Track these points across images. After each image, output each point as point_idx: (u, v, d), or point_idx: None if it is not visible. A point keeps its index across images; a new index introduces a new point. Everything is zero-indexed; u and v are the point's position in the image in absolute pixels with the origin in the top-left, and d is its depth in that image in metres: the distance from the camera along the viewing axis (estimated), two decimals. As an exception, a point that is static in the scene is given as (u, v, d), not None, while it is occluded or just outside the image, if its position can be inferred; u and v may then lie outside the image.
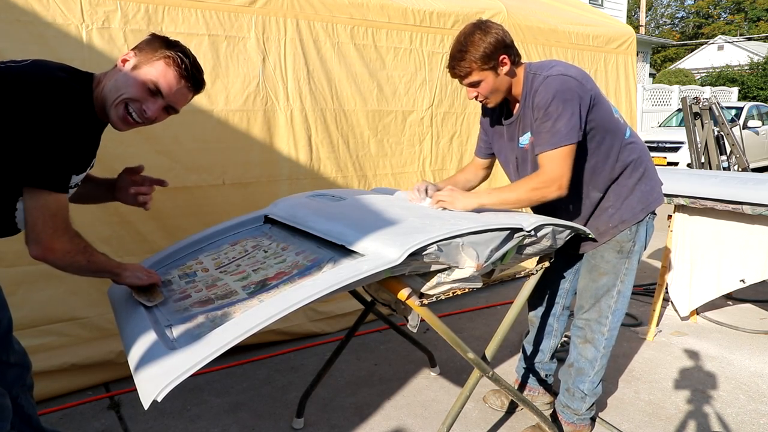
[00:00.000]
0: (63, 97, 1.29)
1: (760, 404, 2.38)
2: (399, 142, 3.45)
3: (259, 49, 2.86)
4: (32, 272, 2.34)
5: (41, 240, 1.31)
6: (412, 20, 3.39)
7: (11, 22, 2.25)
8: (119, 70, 1.42)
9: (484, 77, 1.76)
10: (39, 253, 1.32)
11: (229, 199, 2.82)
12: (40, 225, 1.31)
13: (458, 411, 1.75)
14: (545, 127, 1.73)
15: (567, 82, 1.72)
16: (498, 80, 1.78)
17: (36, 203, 1.30)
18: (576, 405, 2.09)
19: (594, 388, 2.06)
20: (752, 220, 2.72)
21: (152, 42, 1.43)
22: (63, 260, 1.36)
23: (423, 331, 3.09)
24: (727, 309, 3.51)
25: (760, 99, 18.99)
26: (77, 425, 2.31)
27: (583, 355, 2.05)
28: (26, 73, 1.30)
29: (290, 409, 2.38)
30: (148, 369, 1.17)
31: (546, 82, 1.74)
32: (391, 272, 1.46)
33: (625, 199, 1.90)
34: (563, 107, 1.70)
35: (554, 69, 1.77)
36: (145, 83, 1.39)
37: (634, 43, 4.92)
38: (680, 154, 9.46)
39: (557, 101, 1.70)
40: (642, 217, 1.91)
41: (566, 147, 1.71)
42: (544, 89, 1.73)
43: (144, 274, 1.58)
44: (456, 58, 1.76)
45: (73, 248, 1.37)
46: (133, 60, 1.41)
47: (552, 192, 1.73)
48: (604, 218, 1.92)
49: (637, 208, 1.91)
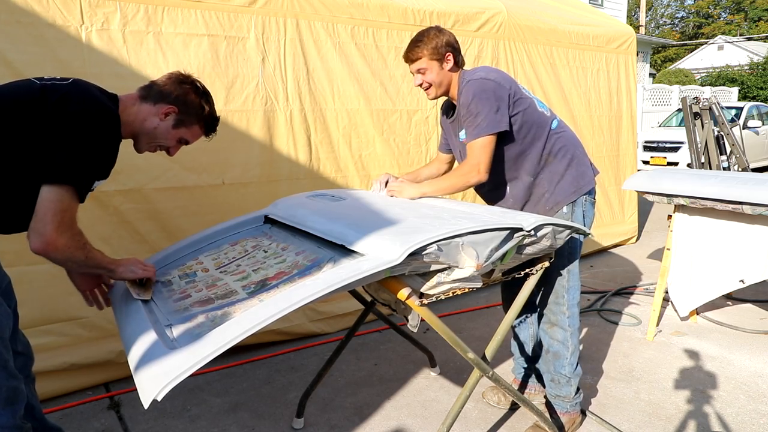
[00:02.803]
0: (98, 111, 1.46)
1: (760, 404, 2.38)
2: (405, 142, 3.45)
3: (258, 49, 2.86)
4: (32, 272, 2.34)
5: (45, 233, 1.35)
6: (413, 20, 3.39)
7: (11, 24, 2.26)
8: (159, 119, 1.61)
9: (430, 66, 2.04)
10: (40, 246, 1.35)
11: (229, 199, 2.82)
12: (48, 217, 1.35)
13: (458, 411, 1.75)
14: (468, 122, 2.00)
15: (485, 84, 1.99)
16: (441, 73, 2.06)
17: (51, 196, 1.36)
18: (564, 391, 2.17)
19: (574, 369, 2.17)
20: (752, 220, 2.72)
21: (192, 103, 1.66)
22: (63, 254, 1.39)
23: (423, 331, 3.10)
24: (727, 309, 3.51)
25: (760, 99, 18.98)
26: (77, 425, 2.31)
27: (554, 338, 2.17)
28: (71, 89, 1.46)
29: (290, 409, 2.38)
30: (148, 368, 1.17)
31: (468, 85, 2.01)
32: (391, 272, 1.46)
33: (557, 184, 2.11)
34: (481, 105, 1.96)
35: (477, 74, 2.04)
36: (180, 139, 1.68)
37: (634, 43, 4.92)
38: (680, 154, 9.46)
39: (476, 100, 1.97)
40: (575, 198, 2.11)
41: (484, 138, 1.96)
42: (466, 91, 2.01)
43: (139, 268, 1.62)
44: (411, 45, 2.06)
45: (73, 244, 1.41)
46: (173, 116, 1.63)
47: (473, 176, 1.99)
48: (541, 203, 2.12)
49: (569, 190, 2.11)
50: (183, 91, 1.64)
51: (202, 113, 1.68)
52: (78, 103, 1.42)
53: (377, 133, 3.32)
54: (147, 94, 1.62)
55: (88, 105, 1.44)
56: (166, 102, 1.62)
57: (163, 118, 1.62)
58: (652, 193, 2.97)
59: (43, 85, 1.45)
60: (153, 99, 1.62)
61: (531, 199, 2.14)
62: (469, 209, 1.90)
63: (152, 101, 1.61)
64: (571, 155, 2.14)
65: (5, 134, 1.38)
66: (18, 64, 2.28)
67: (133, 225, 2.58)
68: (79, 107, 1.42)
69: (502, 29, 3.91)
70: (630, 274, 4.31)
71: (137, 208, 2.60)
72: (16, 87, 1.47)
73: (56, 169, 1.37)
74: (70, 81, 1.49)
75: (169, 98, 1.62)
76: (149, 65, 2.56)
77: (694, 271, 3.01)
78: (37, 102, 1.40)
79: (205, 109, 1.69)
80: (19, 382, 1.48)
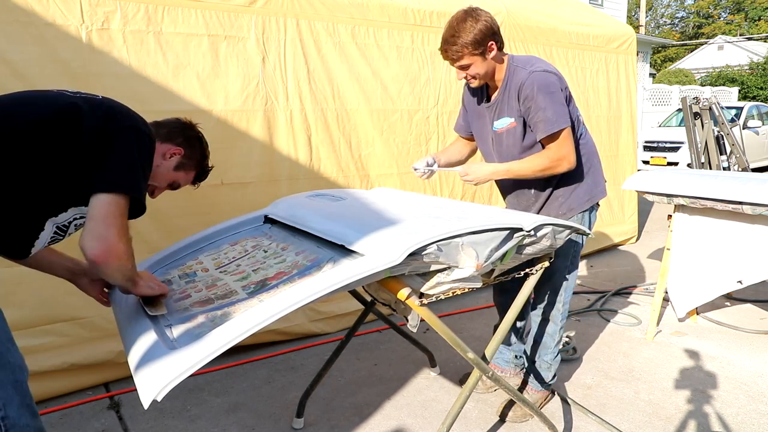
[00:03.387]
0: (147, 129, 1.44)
1: (760, 404, 2.38)
2: (406, 142, 3.45)
3: (258, 49, 2.86)
4: (32, 272, 2.31)
5: (108, 239, 1.27)
6: (413, 20, 3.39)
7: (11, 23, 2.25)
8: (164, 158, 1.59)
9: (473, 61, 1.95)
10: (101, 253, 1.27)
11: (229, 199, 2.82)
12: (110, 221, 1.28)
13: (458, 411, 1.75)
14: (538, 116, 1.95)
15: (548, 77, 1.96)
16: (485, 64, 1.98)
17: (107, 205, 1.29)
18: (544, 374, 2.32)
19: (555, 357, 2.32)
20: (752, 220, 2.72)
21: (197, 149, 1.67)
22: (120, 262, 1.32)
23: (423, 331, 3.09)
24: (727, 309, 3.51)
25: (760, 99, 18.97)
26: (77, 425, 2.31)
27: (545, 331, 2.28)
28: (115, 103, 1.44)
29: (290, 409, 2.38)
30: (148, 369, 1.17)
31: (531, 77, 1.95)
32: (390, 272, 1.46)
33: (574, 190, 2.13)
34: (549, 99, 1.93)
35: (536, 65, 1.99)
36: (172, 183, 1.66)
37: (634, 43, 4.92)
38: (680, 154, 9.46)
39: (542, 94, 1.92)
40: (587, 207, 2.16)
41: (565, 130, 1.95)
42: (530, 84, 1.94)
43: (156, 284, 1.56)
44: (449, 43, 1.93)
45: (128, 251, 1.35)
46: (177, 158, 1.62)
47: (564, 166, 1.99)
48: (555, 205, 2.15)
49: (584, 198, 2.15)
50: (190, 136, 1.65)
51: (202, 162, 1.70)
52: (128, 119, 1.39)
53: (377, 133, 3.31)
54: (156, 130, 1.57)
55: (138, 122, 1.41)
56: (174, 142, 1.60)
57: (167, 158, 1.60)
58: (652, 193, 2.97)
59: (85, 98, 1.40)
60: (161, 137, 1.58)
61: (548, 201, 2.15)
62: (469, 209, 1.91)
63: (160, 139, 1.57)
64: (591, 164, 2.17)
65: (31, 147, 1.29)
66: (18, 64, 2.27)
67: (133, 225, 2.52)
68: (130, 122, 1.39)
69: (502, 29, 3.88)
70: (630, 274, 4.31)
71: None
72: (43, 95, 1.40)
73: (110, 177, 1.30)
74: (102, 97, 1.45)
75: (177, 139, 1.61)
76: (149, 65, 2.56)
77: (693, 271, 3.00)
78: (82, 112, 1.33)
79: (206, 159, 1.71)
80: (41, 423, 1.42)
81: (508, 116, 2.04)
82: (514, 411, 2.27)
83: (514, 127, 2.05)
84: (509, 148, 2.09)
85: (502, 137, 2.10)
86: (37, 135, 1.29)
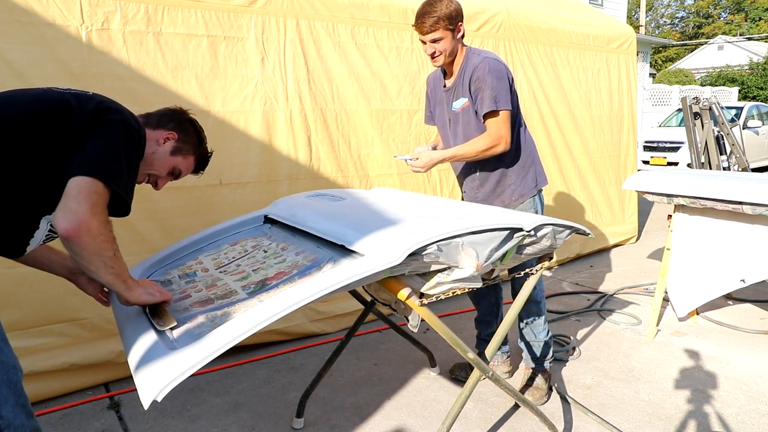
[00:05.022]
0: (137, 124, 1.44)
1: (760, 404, 2.38)
2: (405, 142, 3.44)
3: (258, 49, 2.86)
4: (32, 273, 2.32)
5: (79, 211, 1.21)
6: (413, 20, 3.39)
7: (11, 23, 2.25)
8: (158, 144, 1.56)
9: (444, 36, 2.13)
10: (71, 227, 1.20)
11: (229, 199, 2.82)
12: (82, 196, 1.23)
13: (458, 411, 1.75)
14: (486, 94, 2.13)
15: (499, 64, 2.17)
16: (452, 42, 2.17)
17: (82, 182, 1.25)
18: (543, 352, 2.47)
19: (547, 333, 2.48)
20: (752, 220, 2.71)
21: (192, 133, 1.64)
22: (94, 241, 1.25)
23: (423, 331, 3.09)
24: (727, 309, 3.51)
25: (760, 99, 18.97)
26: (77, 425, 2.31)
27: (530, 311, 2.43)
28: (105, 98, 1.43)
29: (290, 409, 2.38)
30: (148, 369, 1.17)
31: (485, 61, 2.16)
32: (390, 272, 1.46)
33: (523, 178, 2.35)
34: (497, 81, 2.12)
35: (488, 54, 2.21)
36: (173, 170, 1.62)
37: (634, 43, 4.92)
38: (680, 154, 9.46)
39: (492, 75, 2.12)
40: (535, 193, 2.38)
41: (505, 111, 2.15)
42: (483, 66, 2.14)
43: (156, 291, 1.48)
44: (426, 14, 2.11)
45: (105, 231, 1.28)
46: (171, 143, 1.59)
47: (500, 147, 2.17)
48: (507, 192, 2.35)
49: (531, 185, 2.37)
50: (182, 119, 1.64)
51: (199, 145, 1.67)
52: (117, 113, 1.38)
53: (377, 133, 3.31)
54: (146, 120, 1.57)
55: (127, 117, 1.40)
56: (166, 128, 1.58)
57: (162, 144, 1.57)
58: (652, 193, 2.97)
59: (75, 93, 1.39)
60: (152, 124, 1.57)
61: (497, 187, 2.34)
62: (469, 209, 1.91)
63: (151, 126, 1.57)
64: (533, 155, 2.39)
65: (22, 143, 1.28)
66: (18, 64, 2.28)
67: (133, 225, 2.57)
68: (118, 116, 1.37)
69: (502, 29, 3.91)
70: (630, 274, 4.31)
71: (136, 207, 2.56)
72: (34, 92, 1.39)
73: (87, 160, 1.28)
74: (92, 94, 1.45)
75: (168, 125, 1.59)
76: (149, 65, 2.56)
77: (693, 271, 3.00)
78: (71, 108, 1.33)
79: (203, 143, 1.68)
80: (37, 422, 1.41)
81: (463, 96, 2.23)
82: (532, 394, 2.40)
83: (468, 106, 2.23)
84: (464, 126, 2.27)
85: (459, 116, 2.27)
86: (26, 132, 1.28)
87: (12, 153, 1.27)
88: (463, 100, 2.24)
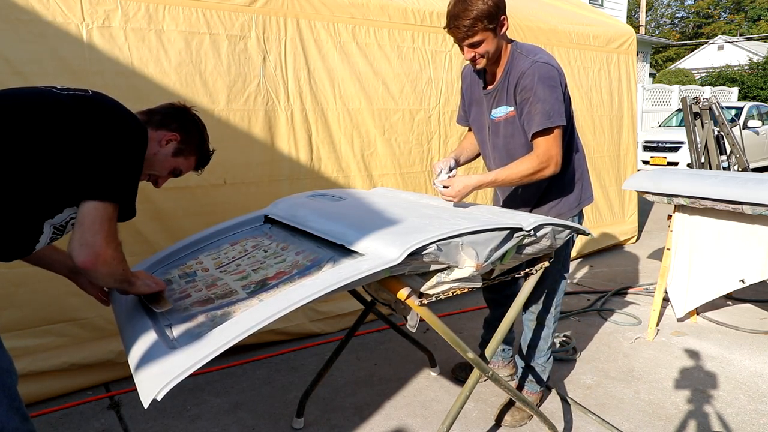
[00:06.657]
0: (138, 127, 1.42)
1: (760, 404, 2.38)
2: (407, 141, 3.44)
3: (259, 48, 2.86)
4: (32, 273, 2.32)
5: (95, 245, 1.28)
6: (413, 20, 3.39)
7: (11, 21, 2.25)
8: (160, 145, 1.54)
9: (486, 37, 1.77)
10: (89, 260, 1.28)
11: (230, 199, 2.82)
12: (97, 227, 1.29)
13: (458, 411, 1.75)
14: (536, 108, 1.82)
15: (551, 70, 1.83)
16: (495, 41, 1.81)
17: (96, 211, 1.30)
18: (537, 377, 2.32)
19: (548, 359, 2.31)
20: (752, 220, 2.71)
21: (194, 133, 1.63)
22: (109, 268, 1.33)
23: (423, 331, 3.09)
24: (727, 309, 3.51)
25: (760, 99, 18.97)
26: (77, 425, 2.31)
27: (539, 335, 2.27)
28: (103, 102, 1.41)
29: (290, 409, 2.38)
30: (148, 368, 1.17)
31: (534, 67, 1.82)
32: (390, 272, 1.46)
33: (565, 196, 2.08)
34: (548, 92, 1.80)
35: (540, 56, 1.86)
36: (174, 170, 1.62)
37: (634, 43, 4.92)
38: (680, 154, 9.46)
39: (542, 85, 1.80)
40: (576, 213, 2.12)
41: (557, 129, 1.84)
42: (531, 73, 1.81)
43: (152, 281, 1.56)
44: (460, 17, 1.72)
45: (117, 256, 1.36)
46: (173, 144, 1.58)
47: (549, 170, 1.86)
48: (544, 209, 2.09)
49: (573, 204, 2.10)
50: (186, 120, 1.61)
51: (202, 145, 1.66)
52: (117, 116, 1.37)
53: (378, 133, 3.31)
54: (148, 119, 1.54)
55: (127, 118, 1.39)
56: (168, 129, 1.56)
57: (164, 145, 1.56)
58: (652, 193, 2.97)
59: (71, 95, 1.37)
60: (155, 124, 1.55)
61: (537, 204, 2.11)
62: (469, 209, 1.91)
63: (154, 126, 1.54)
64: (582, 170, 2.11)
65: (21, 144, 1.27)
66: (18, 62, 2.27)
67: (136, 226, 2.57)
68: (119, 120, 1.37)
69: (502, 29, 3.90)
70: (630, 274, 4.31)
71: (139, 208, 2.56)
72: (31, 94, 1.37)
73: (100, 185, 1.31)
74: (92, 92, 1.43)
75: (171, 125, 1.58)
76: (151, 63, 2.56)
77: (693, 271, 3.01)
78: (67, 110, 1.32)
79: (205, 142, 1.67)
80: (32, 425, 1.42)
81: (507, 105, 1.91)
82: (512, 415, 2.24)
83: (513, 117, 1.92)
84: (506, 139, 1.97)
85: (500, 127, 1.98)
86: (23, 137, 1.27)
87: (11, 158, 1.26)
88: (506, 109, 1.92)
